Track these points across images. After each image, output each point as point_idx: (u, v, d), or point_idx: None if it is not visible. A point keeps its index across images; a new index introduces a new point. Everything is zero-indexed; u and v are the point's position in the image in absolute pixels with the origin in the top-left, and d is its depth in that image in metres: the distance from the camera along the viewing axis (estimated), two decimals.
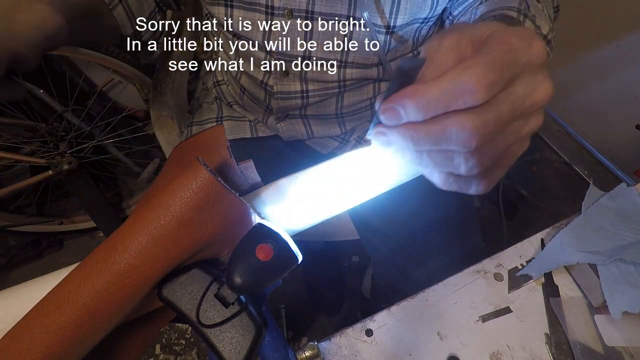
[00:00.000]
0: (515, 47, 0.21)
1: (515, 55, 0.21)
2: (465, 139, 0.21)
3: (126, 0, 0.51)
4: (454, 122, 0.20)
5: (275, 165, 0.66)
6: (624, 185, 0.52)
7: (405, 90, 0.21)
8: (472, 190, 0.24)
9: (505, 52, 0.20)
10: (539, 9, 0.42)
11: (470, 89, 0.19)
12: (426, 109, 0.21)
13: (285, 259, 0.26)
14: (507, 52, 0.20)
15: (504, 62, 0.20)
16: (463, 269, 0.50)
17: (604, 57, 1.07)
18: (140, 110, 1.20)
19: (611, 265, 0.44)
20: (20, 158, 1.05)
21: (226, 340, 0.24)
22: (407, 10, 0.49)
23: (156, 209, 0.24)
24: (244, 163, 0.32)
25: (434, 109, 0.21)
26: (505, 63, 0.20)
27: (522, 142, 0.24)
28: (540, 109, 0.23)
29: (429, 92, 0.20)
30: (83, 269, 0.24)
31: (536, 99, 0.22)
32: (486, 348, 0.44)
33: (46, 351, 0.22)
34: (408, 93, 0.21)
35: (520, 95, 0.21)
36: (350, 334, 0.45)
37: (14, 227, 1.21)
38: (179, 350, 1.12)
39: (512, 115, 0.21)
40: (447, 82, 0.20)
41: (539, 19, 0.41)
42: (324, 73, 0.55)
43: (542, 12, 0.42)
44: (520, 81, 0.21)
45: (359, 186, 0.30)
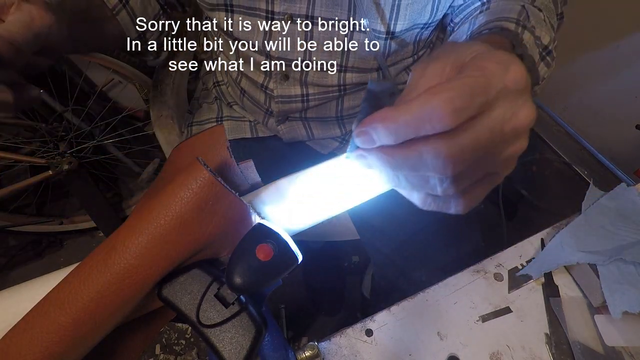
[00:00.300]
0: (490, 73, 0.21)
1: (489, 81, 0.20)
2: (440, 165, 0.21)
3: (130, 5, 0.51)
4: (428, 148, 0.21)
5: (275, 165, 0.66)
6: (624, 185, 0.52)
7: (377, 114, 0.22)
8: (451, 210, 0.25)
9: (478, 77, 0.20)
10: (539, 19, 0.41)
11: (437, 114, 0.19)
12: (396, 133, 0.21)
13: (285, 259, 0.26)
14: (479, 78, 0.20)
15: (475, 88, 0.20)
16: (463, 269, 0.50)
17: (604, 57, 1.07)
18: (140, 110, 1.20)
19: (611, 265, 0.44)
20: (20, 158, 1.05)
21: (226, 340, 0.24)
22: (406, 16, 0.49)
23: (156, 209, 0.24)
24: (244, 163, 0.32)
25: (404, 134, 0.21)
26: (476, 88, 0.20)
27: (506, 164, 0.24)
28: (524, 132, 0.23)
29: (399, 116, 0.20)
30: (83, 269, 0.24)
31: (517, 124, 0.22)
32: (486, 348, 0.44)
33: (46, 351, 0.22)
34: (378, 117, 0.21)
35: (499, 120, 0.21)
36: (350, 334, 0.45)
37: (14, 227, 1.21)
38: (179, 350, 1.12)
39: (491, 140, 0.21)
40: (415, 106, 0.20)
41: (539, 29, 0.40)
42: (324, 77, 0.55)
43: (543, 22, 0.41)
44: (498, 106, 0.21)
45: (359, 186, 0.30)
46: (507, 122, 0.21)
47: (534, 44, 0.38)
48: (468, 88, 0.20)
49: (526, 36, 0.38)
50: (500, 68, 0.21)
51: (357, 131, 0.23)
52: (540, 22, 0.41)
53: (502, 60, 0.21)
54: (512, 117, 0.22)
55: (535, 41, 0.39)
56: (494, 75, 0.21)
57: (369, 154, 0.24)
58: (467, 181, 0.23)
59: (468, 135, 0.20)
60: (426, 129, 0.20)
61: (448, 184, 0.22)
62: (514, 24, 0.39)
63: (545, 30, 0.40)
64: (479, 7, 0.49)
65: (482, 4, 0.49)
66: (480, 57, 0.22)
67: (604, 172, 0.93)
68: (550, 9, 0.45)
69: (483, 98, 0.20)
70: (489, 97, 0.20)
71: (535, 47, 0.38)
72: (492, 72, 0.21)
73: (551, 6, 0.45)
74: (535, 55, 0.38)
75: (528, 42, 0.38)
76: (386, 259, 0.64)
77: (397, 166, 0.23)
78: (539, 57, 0.39)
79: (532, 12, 0.42)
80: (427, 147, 0.21)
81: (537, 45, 0.39)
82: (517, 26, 0.39)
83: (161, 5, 0.56)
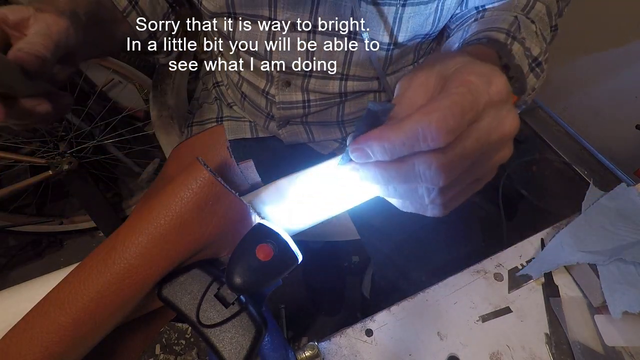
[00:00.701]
0: (475, 88, 0.22)
1: (476, 97, 0.21)
2: (432, 177, 0.22)
3: (139, 5, 0.51)
4: (420, 161, 0.22)
5: (275, 166, 0.66)
6: (624, 185, 0.52)
7: (373, 132, 0.23)
8: (428, 213, 0.26)
9: (465, 94, 0.21)
10: (531, 31, 0.42)
11: (431, 134, 0.20)
12: (391, 151, 0.22)
13: (285, 259, 0.26)
14: (467, 95, 0.21)
15: (464, 105, 0.21)
16: (463, 269, 0.50)
17: (604, 57, 1.07)
18: (140, 110, 1.20)
19: (611, 265, 0.44)
20: (20, 158, 1.05)
21: (226, 340, 0.24)
22: (409, 28, 0.49)
23: (156, 209, 0.24)
24: (244, 163, 0.32)
25: (399, 152, 0.22)
26: (466, 106, 0.21)
27: (491, 171, 0.25)
28: (509, 140, 0.24)
29: (394, 136, 0.22)
30: (83, 269, 0.24)
31: (502, 133, 0.23)
32: (486, 348, 0.44)
33: (46, 351, 0.22)
34: (374, 136, 0.23)
35: (486, 131, 0.22)
36: (350, 334, 0.45)
37: (14, 227, 1.21)
38: (179, 350, 1.12)
39: (478, 150, 0.22)
40: (409, 127, 0.21)
41: (529, 40, 0.40)
42: (325, 85, 0.56)
43: (535, 34, 0.42)
44: (485, 117, 0.22)
45: (359, 186, 0.30)
46: (494, 132, 0.23)
47: (524, 55, 0.39)
48: (459, 107, 0.21)
49: (515, 47, 0.39)
50: (484, 81, 0.22)
51: (353, 147, 0.24)
52: (531, 34, 0.41)
53: (484, 73, 0.22)
54: (498, 126, 0.23)
55: (525, 52, 0.39)
56: (478, 89, 0.22)
57: (362, 167, 0.25)
58: (455, 190, 0.24)
59: (458, 148, 0.22)
60: (421, 147, 0.21)
61: (436, 194, 0.24)
62: (504, 34, 0.39)
63: (536, 42, 0.41)
64: (474, 15, 0.49)
65: (477, 12, 0.49)
66: (463, 70, 0.23)
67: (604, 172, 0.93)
68: (545, 21, 0.46)
69: (473, 114, 0.21)
70: (478, 110, 0.22)
71: (525, 58, 0.39)
72: (477, 87, 0.22)
73: (545, 19, 0.46)
74: (525, 66, 0.39)
75: (517, 52, 0.38)
76: (386, 259, 0.64)
77: (389, 179, 0.24)
78: (528, 68, 0.39)
79: (524, 23, 0.42)
80: (418, 160, 0.22)
81: (527, 56, 0.39)
82: (507, 37, 0.39)
83: (169, 4, 0.57)
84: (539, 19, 0.45)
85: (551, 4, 0.47)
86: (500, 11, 0.46)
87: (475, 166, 0.24)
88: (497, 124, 0.23)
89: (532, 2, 0.46)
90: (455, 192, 0.24)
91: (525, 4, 0.46)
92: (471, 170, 0.24)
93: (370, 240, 0.66)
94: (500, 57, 0.37)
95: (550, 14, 0.47)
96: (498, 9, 0.47)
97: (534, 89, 0.40)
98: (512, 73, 0.38)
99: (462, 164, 0.22)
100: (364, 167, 0.25)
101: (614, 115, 1.11)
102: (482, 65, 0.23)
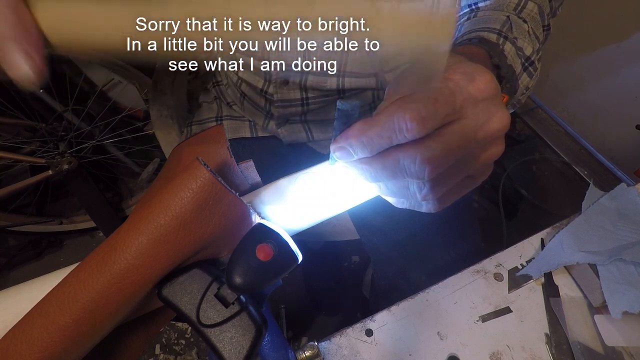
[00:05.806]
0: (454, 83, 0.22)
1: (452, 91, 0.22)
2: (417, 171, 0.22)
3: None
4: (404, 155, 0.22)
5: (275, 165, 0.66)
6: (624, 185, 0.52)
7: (350, 129, 0.23)
8: (423, 209, 0.27)
9: (442, 89, 0.22)
10: (523, 30, 0.42)
11: (405, 124, 0.21)
12: (371, 145, 0.23)
13: (285, 259, 0.26)
14: (443, 89, 0.22)
15: (439, 97, 0.21)
16: (463, 269, 0.50)
17: (604, 57, 1.07)
18: (140, 110, 1.20)
19: (611, 265, 0.44)
20: (20, 158, 1.05)
21: (226, 340, 0.24)
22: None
23: (156, 209, 0.24)
24: (244, 163, 0.32)
25: (378, 144, 0.22)
26: (440, 98, 0.21)
27: (483, 169, 0.25)
28: (499, 137, 0.24)
29: (370, 129, 0.22)
30: (83, 269, 0.24)
31: (490, 129, 0.23)
32: (486, 348, 0.44)
33: (46, 351, 0.22)
34: (352, 132, 0.23)
35: (472, 127, 0.22)
36: (350, 334, 0.45)
37: (14, 227, 1.21)
38: (179, 350, 1.12)
39: (464, 145, 0.23)
40: (384, 119, 0.22)
41: (521, 40, 0.40)
42: (323, 82, 0.56)
43: (527, 34, 0.42)
44: (469, 113, 0.22)
45: (360, 186, 0.30)
46: (480, 129, 0.23)
47: (516, 55, 0.39)
48: (432, 99, 0.21)
49: (507, 47, 0.39)
50: (465, 78, 0.22)
51: (334, 147, 0.24)
52: (523, 34, 0.41)
53: (466, 71, 0.23)
54: (485, 124, 0.23)
55: (517, 52, 0.39)
56: (457, 85, 0.22)
57: (350, 166, 0.26)
58: (446, 187, 0.24)
59: (440, 140, 0.22)
60: (398, 139, 0.22)
61: (427, 190, 0.24)
62: (495, 34, 0.39)
63: (528, 41, 0.41)
64: (467, 13, 0.49)
65: (470, 11, 0.49)
66: (449, 69, 0.23)
67: (604, 172, 0.93)
68: (537, 21, 0.46)
69: (449, 107, 0.22)
70: (455, 105, 0.22)
71: (517, 58, 0.39)
72: (455, 83, 0.22)
73: (538, 18, 0.46)
74: (517, 66, 0.39)
75: (509, 52, 0.38)
76: (386, 259, 0.64)
77: (376, 175, 0.24)
78: (521, 68, 0.39)
79: (516, 23, 0.42)
80: (402, 154, 0.22)
81: (519, 56, 0.39)
82: (499, 37, 0.39)
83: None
84: (531, 18, 0.45)
85: (543, 3, 0.47)
86: (492, 11, 0.46)
87: (465, 162, 0.24)
88: (484, 120, 0.23)
89: (524, 2, 0.46)
90: (447, 188, 0.24)
91: (517, 3, 0.46)
92: (460, 166, 0.24)
93: (370, 240, 0.66)
94: (491, 56, 0.37)
95: (542, 14, 0.47)
96: (490, 8, 0.47)
97: (528, 88, 0.41)
98: (503, 73, 0.38)
99: (448, 158, 0.22)
100: (352, 166, 0.25)
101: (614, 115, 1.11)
102: (467, 65, 0.24)
